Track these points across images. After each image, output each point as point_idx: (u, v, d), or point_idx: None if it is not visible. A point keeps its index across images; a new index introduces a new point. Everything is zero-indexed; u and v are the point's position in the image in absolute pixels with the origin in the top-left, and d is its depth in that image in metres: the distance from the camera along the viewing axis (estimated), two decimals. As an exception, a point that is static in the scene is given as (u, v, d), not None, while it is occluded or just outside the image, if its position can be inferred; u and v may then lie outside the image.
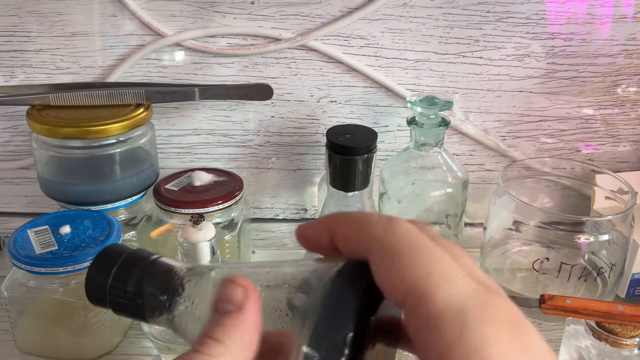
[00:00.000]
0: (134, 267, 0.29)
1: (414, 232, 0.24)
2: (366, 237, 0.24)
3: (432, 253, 0.23)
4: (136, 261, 0.29)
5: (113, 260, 0.29)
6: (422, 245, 0.23)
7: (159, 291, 0.28)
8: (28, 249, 0.54)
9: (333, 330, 0.23)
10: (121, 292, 0.29)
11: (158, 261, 0.29)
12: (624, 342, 0.50)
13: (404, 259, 0.23)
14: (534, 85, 0.70)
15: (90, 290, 0.29)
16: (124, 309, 0.29)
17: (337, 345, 0.22)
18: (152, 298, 0.28)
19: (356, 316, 0.23)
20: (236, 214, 0.65)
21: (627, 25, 0.67)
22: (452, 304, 0.21)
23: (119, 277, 0.29)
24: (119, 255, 0.29)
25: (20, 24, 0.66)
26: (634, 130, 0.73)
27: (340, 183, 0.54)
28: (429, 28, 0.67)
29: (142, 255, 0.30)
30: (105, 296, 0.29)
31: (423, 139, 0.63)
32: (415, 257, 0.23)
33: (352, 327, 0.23)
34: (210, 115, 0.71)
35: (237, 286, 0.25)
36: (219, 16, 0.66)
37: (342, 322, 0.23)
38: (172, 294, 0.28)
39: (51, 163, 0.63)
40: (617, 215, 0.60)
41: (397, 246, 0.23)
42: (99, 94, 0.63)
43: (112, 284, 0.29)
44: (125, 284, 0.29)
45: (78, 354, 0.57)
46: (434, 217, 0.66)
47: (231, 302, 0.25)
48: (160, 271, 0.29)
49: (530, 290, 0.64)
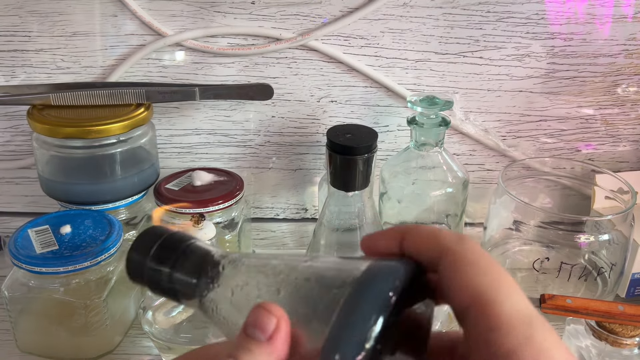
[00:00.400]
0: (172, 249, 0.30)
1: (481, 249, 0.26)
2: (438, 244, 0.26)
3: (499, 268, 0.25)
4: (175, 243, 0.30)
5: (153, 240, 0.30)
6: (491, 260, 0.25)
7: (192, 275, 0.29)
8: (29, 249, 0.54)
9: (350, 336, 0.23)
10: (158, 272, 0.30)
11: (195, 245, 0.30)
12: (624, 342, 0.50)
13: (476, 268, 0.25)
14: (534, 85, 0.70)
15: (130, 269, 0.31)
16: (159, 288, 0.30)
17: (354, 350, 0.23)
18: (185, 281, 0.29)
19: (375, 323, 0.23)
20: (237, 214, 0.65)
21: (627, 25, 0.67)
22: (520, 310, 0.23)
23: (157, 258, 0.30)
24: (159, 237, 0.30)
25: (21, 23, 0.67)
26: (634, 130, 0.73)
27: (340, 183, 0.54)
28: (429, 28, 0.67)
29: (180, 237, 0.31)
30: (143, 275, 0.30)
31: (423, 138, 0.63)
32: (486, 267, 0.25)
33: (372, 336, 0.23)
34: (211, 115, 0.71)
35: (271, 315, 0.25)
36: (219, 16, 0.66)
37: (360, 330, 0.23)
38: (205, 279, 0.29)
39: (52, 163, 0.64)
40: (617, 215, 0.60)
41: (470, 256, 0.25)
42: (99, 93, 0.63)
43: (150, 264, 0.30)
44: (162, 264, 0.30)
45: (79, 353, 0.57)
46: (434, 217, 0.66)
47: (262, 331, 0.25)
48: (196, 255, 0.30)
49: (531, 290, 0.64)
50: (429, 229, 0.27)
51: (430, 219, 0.66)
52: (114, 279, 0.57)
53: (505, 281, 0.24)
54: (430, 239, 0.26)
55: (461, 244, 0.26)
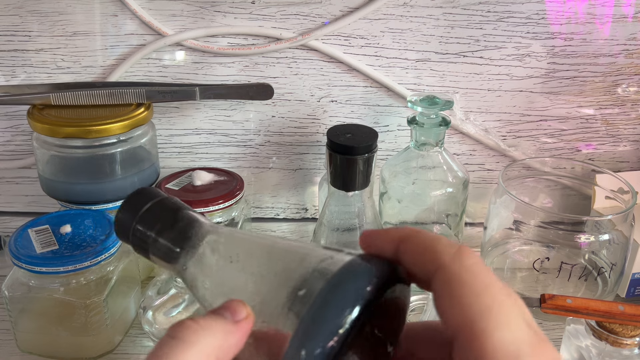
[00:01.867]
0: (161, 214, 0.30)
1: (481, 266, 0.24)
2: (433, 260, 0.24)
3: (496, 290, 0.23)
4: (164, 208, 0.30)
5: (143, 202, 0.30)
6: (488, 281, 0.23)
7: (176, 243, 0.29)
8: (29, 249, 0.54)
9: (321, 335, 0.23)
10: (143, 235, 0.30)
11: (184, 213, 0.30)
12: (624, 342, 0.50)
13: (468, 290, 0.23)
14: (535, 85, 0.70)
15: (118, 227, 0.31)
16: (143, 251, 0.30)
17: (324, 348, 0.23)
18: (168, 248, 0.29)
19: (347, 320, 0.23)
20: (237, 214, 0.66)
21: (628, 25, 0.67)
22: (507, 346, 0.22)
23: (144, 220, 0.30)
24: (149, 199, 0.30)
25: (21, 23, 0.67)
26: (634, 130, 0.73)
27: (340, 183, 0.54)
28: (429, 28, 0.67)
29: (171, 204, 0.31)
30: (129, 236, 0.30)
31: (423, 138, 0.63)
32: (480, 291, 0.23)
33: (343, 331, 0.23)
34: (211, 114, 0.71)
35: (244, 307, 0.26)
36: (219, 16, 0.66)
37: (330, 327, 0.23)
38: (188, 250, 0.29)
39: (52, 162, 0.64)
40: (618, 215, 0.60)
41: (463, 276, 0.23)
42: (99, 93, 0.63)
43: (136, 226, 0.30)
44: (148, 228, 0.30)
45: (79, 353, 0.57)
46: (434, 217, 0.66)
47: (232, 313, 0.25)
48: (183, 224, 0.30)
49: (531, 290, 0.64)
50: (428, 239, 0.25)
51: (431, 218, 0.66)
52: (114, 279, 0.57)
53: (499, 307, 0.23)
54: (427, 251, 0.25)
55: (458, 261, 0.24)
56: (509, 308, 0.23)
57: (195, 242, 0.29)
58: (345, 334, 0.23)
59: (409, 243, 0.26)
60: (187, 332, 0.24)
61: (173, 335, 0.24)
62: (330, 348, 0.23)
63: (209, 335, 0.24)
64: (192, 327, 0.24)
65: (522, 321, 0.23)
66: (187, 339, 0.24)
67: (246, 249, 0.29)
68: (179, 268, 0.29)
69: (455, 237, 0.67)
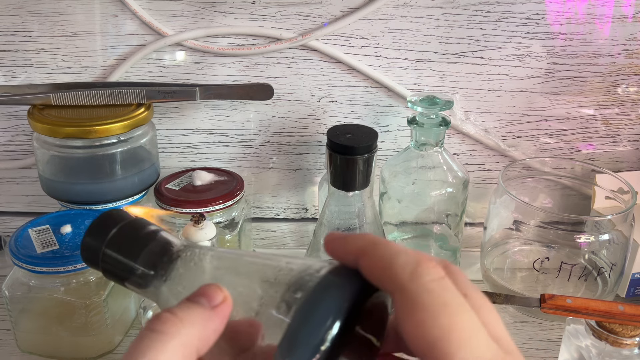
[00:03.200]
0: (129, 237, 0.29)
1: (440, 282, 0.23)
2: (391, 279, 0.24)
3: (454, 308, 0.23)
4: (132, 231, 0.29)
5: (111, 226, 0.29)
6: (446, 299, 0.23)
7: (149, 264, 0.29)
8: (29, 249, 0.54)
9: (305, 339, 0.23)
10: (112, 259, 0.29)
11: (155, 234, 0.30)
12: (624, 342, 0.50)
13: (425, 314, 0.23)
14: (535, 85, 0.70)
15: (85, 253, 0.30)
16: (113, 275, 0.30)
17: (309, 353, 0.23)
18: (140, 272, 0.29)
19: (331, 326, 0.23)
20: (237, 214, 0.66)
21: (627, 25, 0.67)
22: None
23: (113, 244, 0.29)
24: (117, 222, 0.30)
25: (22, 23, 0.67)
26: (634, 130, 0.73)
27: (340, 183, 0.54)
28: (429, 28, 0.67)
29: (139, 224, 0.30)
30: (98, 261, 0.29)
31: (423, 138, 0.63)
32: (437, 312, 0.23)
33: (326, 338, 0.23)
34: (211, 114, 0.71)
35: (220, 290, 0.25)
36: (219, 16, 0.66)
37: (315, 333, 0.23)
38: (161, 270, 0.29)
39: (52, 162, 0.64)
40: (618, 215, 0.60)
41: (420, 298, 0.23)
42: (100, 93, 0.64)
43: (105, 250, 0.29)
44: (117, 251, 0.29)
45: (79, 353, 0.57)
46: (434, 217, 0.66)
47: (208, 299, 0.25)
48: (155, 244, 0.29)
49: (531, 290, 0.64)
50: (385, 255, 0.24)
51: (431, 218, 0.66)
52: (114, 279, 0.56)
53: (458, 327, 0.22)
54: (385, 269, 0.24)
55: (415, 281, 0.23)
56: (469, 326, 0.23)
57: (168, 262, 0.29)
58: (327, 349, 0.23)
59: (366, 259, 0.25)
60: (166, 325, 0.24)
61: (152, 328, 0.24)
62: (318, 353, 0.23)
63: (188, 326, 0.24)
64: (170, 319, 0.24)
65: (484, 337, 0.23)
66: (166, 331, 0.24)
67: (221, 265, 0.29)
68: (153, 289, 0.29)
69: (456, 237, 0.68)
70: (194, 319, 0.24)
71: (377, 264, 0.25)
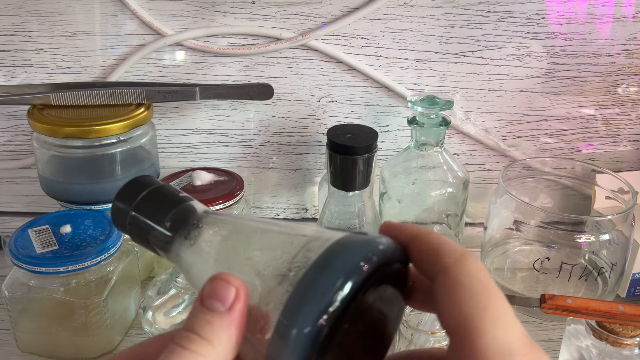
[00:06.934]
0: (157, 200, 0.30)
1: (482, 270, 0.25)
2: (437, 262, 0.25)
3: (493, 293, 0.24)
4: (161, 194, 0.30)
5: (140, 190, 0.30)
6: (486, 283, 0.24)
7: (170, 229, 0.29)
8: (29, 249, 0.54)
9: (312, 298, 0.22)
10: (140, 222, 0.30)
11: (181, 199, 0.30)
12: (624, 342, 0.50)
13: (465, 291, 0.24)
14: (535, 85, 0.70)
15: (114, 216, 0.31)
16: (140, 237, 0.30)
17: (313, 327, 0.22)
18: (162, 234, 0.29)
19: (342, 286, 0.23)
20: (237, 214, 0.65)
21: (628, 25, 0.67)
22: (500, 345, 0.23)
23: (140, 207, 0.30)
24: (146, 186, 0.30)
25: (21, 23, 0.67)
26: (634, 130, 0.73)
27: (340, 183, 0.54)
28: (429, 28, 0.67)
29: (167, 190, 0.31)
30: (126, 223, 0.30)
31: (424, 138, 0.63)
32: (476, 292, 0.24)
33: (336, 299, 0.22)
34: (211, 114, 0.71)
35: (230, 285, 0.25)
36: (219, 16, 0.66)
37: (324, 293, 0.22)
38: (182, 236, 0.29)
39: (52, 162, 0.64)
40: (618, 215, 0.60)
41: (463, 279, 0.24)
42: (99, 93, 0.63)
43: (134, 213, 0.30)
44: (145, 213, 0.30)
45: (79, 353, 0.57)
46: (434, 217, 0.66)
47: (222, 301, 0.25)
48: (180, 209, 0.30)
49: (531, 290, 0.64)
50: (436, 241, 0.26)
51: (431, 219, 0.66)
52: (114, 279, 0.56)
53: (494, 308, 0.23)
54: (433, 253, 0.26)
55: (460, 265, 0.25)
56: (505, 310, 0.24)
57: (190, 227, 0.29)
58: (337, 312, 0.22)
59: (418, 242, 0.26)
60: (195, 346, 0.24)
61: (183, 345, 0.24)
62: (319, 326, 0.22)
63: (217, 346, 0.24)
64: (198, 342, 0.24)
65: (516, 323, 0.24)
66: (197, 351, 0.24)
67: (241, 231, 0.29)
68: (175, 253, 0.29)
69: (456, 237, 0.67)
70: (218, 334, 0.24)
71: (427, 247, 0.26)
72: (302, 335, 0.22)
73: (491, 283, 0.24)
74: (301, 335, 0.22)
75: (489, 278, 0.25)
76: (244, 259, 0.27)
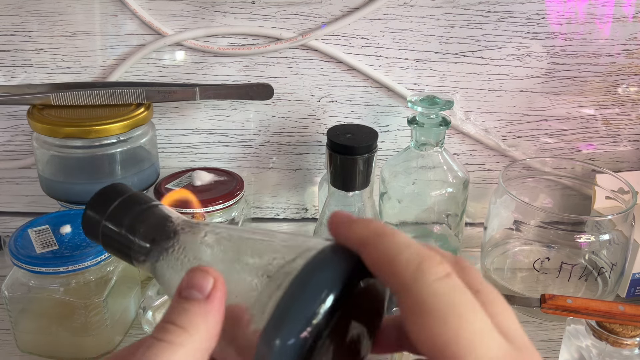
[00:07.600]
0: (130, 209, 0.29)
1: (445, 281, 0.23)
2: (393, 277, 0.23)
3: (462, 308, 0.22)
4: (133, 203, 0.30)
5: (112, 199, 0.30)
6: (452, 299, 0.22)
7: (147, 237, 0.29)
8: (29, 249, 0.54)
9: (296, 311, 0.23)
10: (113, 231, 0.29)
11: (155, 207, 0.30)
12: (624, 342, 0.50)
13: (432, 318, 0.22)
14: (535, 85, 0.70)
15: (86, 224, 0.30)
16: (113, 247, 0.30)
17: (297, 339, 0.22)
18: (139, 245, 0.29)
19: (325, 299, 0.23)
20: (237, 214, 0.65)
21: (628, 25, 0.67)
22: None
23: (114, 216, 0.29)
24: (118, 195, 0.30)
25: (21, 23, 0.67)
26: (634, 130, 0.73)
27: (340, 183, 0.54)
28: (429, 28, 0.67)
29: (140, 198, 0.30)
30: (99, 232, 0.29)
31: (424, 138, 0.63)
32: (444, 315, 0.22)
33: (319, 311, 0.23)
34: (211, 114, 0.71)
35: (207, 275, 0.25)
36: (219, 16, 0.66)
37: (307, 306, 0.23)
38: (160, 244, 0.28)
39: (52, 162, 0.64)
40: (618, 215, 0.60)
41: (425, 300, 0.22)
42: (99, 93, 0.63)
43: (106, 222, 0.29)
44: (118, 224, 0.29)
45: (79, 353, 0.57)
46: (434, 217, 0.66)
47: (199, 289, 0.24)
48: (154, 218, 0.29)
49: (531, 290, 0.64)
50: (389, 249, 0.23)
51: (431, 219, 0.66)
52: (114, 279, 0.56)
53: (468, 327, 0.22)
54: (386, 266, 0.23)
55: (419, 280, 0.22)
56: (479, 326, 0.22)
57: (167, 236, 0.29)
58: (320, 324, 0.23)
59: (369, 251, 0.24)
60: (172, 336, 0.23)
61: (159, 337, 0.23)
62: (303, 339, 0.22)
63: (194, 333, 0.24)
64: (174, 331, 0.24)
65: (495, 337, 0.22)
66: (173, 341, 0.23)
67: (219, 242, 0.28)
68: (151, 263, 0.29)
69: (456, 237, 0.67)
70: (195, 321, 0.24)
71: (380, 258, 0.24)
72: (286, 347, 0.22)
73: (459, 297, 0.22)
74: (285, 347, 0.22)
75: (454, 289, 0.22)
76: (222, 270, 0.27)
